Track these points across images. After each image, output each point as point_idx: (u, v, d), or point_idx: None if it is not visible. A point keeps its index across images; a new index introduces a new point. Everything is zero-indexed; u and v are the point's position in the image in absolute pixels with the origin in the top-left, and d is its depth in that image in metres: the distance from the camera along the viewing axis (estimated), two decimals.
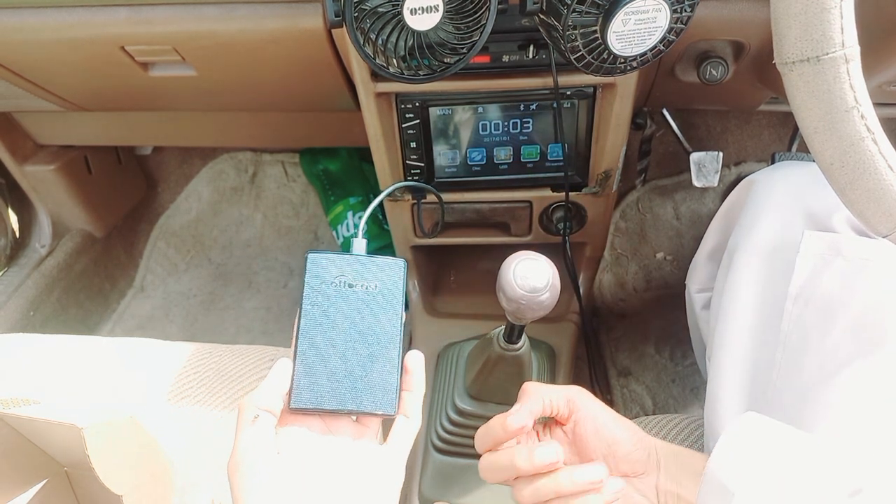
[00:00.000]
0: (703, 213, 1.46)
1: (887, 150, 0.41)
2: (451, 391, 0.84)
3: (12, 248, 1.38)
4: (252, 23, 0.71)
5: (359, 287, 0.47)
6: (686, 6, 0.53)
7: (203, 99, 0.98)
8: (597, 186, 0.85)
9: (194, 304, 1.49)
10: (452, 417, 0.82)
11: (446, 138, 0.82)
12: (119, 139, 1.37)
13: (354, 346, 0.47)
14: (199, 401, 0.72)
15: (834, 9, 0.39)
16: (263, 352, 0.77)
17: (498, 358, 0.71)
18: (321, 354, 0.46)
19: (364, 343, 0.47)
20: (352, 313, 0.47)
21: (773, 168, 0.73)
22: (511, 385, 0.77)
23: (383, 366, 0.46)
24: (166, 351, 0.77)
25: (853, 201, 0.43)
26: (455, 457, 0.87)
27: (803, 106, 0.42)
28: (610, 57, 0.56)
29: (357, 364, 0.46)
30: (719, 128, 1.48)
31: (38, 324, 1.32)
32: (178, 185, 1.63)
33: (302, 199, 1.60)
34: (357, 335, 0.47)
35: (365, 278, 0.48)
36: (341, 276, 0.47)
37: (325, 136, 1.31)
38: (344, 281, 0.47)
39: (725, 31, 0.71)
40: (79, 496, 0.64)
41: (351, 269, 0.48)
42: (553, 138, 0.81)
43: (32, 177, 1.32)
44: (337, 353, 0.46)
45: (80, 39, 0.76)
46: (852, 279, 0.56)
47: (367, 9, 0.52)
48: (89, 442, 0.53)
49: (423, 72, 0.58)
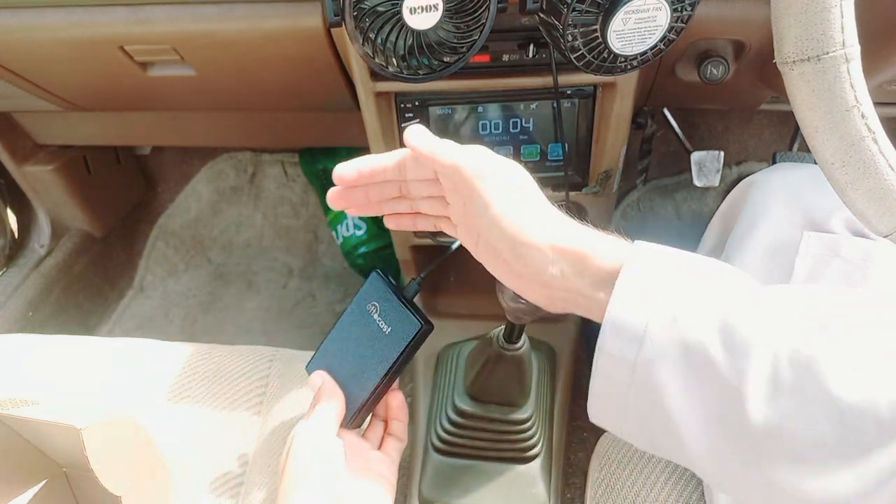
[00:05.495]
0: (704, 212, 1.46)
1: (888, 150, 0.41)
2: (451, 391, 0.84)
3: (11, 248, 1.38)
4: (251, 22, 0.71)
5: (378, 321, 0.54)
6: (686, 5, 0.53)
7: (202, 99, 0.98)
8: (597, 186, 0.85)
9: (194, 304, 1.49)
10: (452, 418, 0.82)
11: (446, 138, 0.81)
12: (118, 139, 1.37)
13: (354, 360, 0.55)
14: (199, 401, 0.72)
15: (834, 8, 0.39)
16: (263, 352, 0.77)
17: (498, 358, 0.71)
18: (335, 352, 0.56)
19: (359, 364, 0.54)
20: (363, 337, 0.54)
21: (771, 169, 0.73)
22: (511, 385, 0.77)
23: (360, 389, 0.54)
24: (165, 351, 0.77)
25: (854, 201, 0.43)
26: (454, 457, 0.87)
27: (804, 105, 0.42)
28: (610, 56, 0.56)
29: (350, 374, 0.54)
30: (720, 127, 1.48)
31: (37, 324, 1.32)
32: (178, 185, 1.63)
33: (302, 199, 1.60)
34: (359, 355, 0.54)
35: (386, 318, 0.53)
36: (374, 304, 0.54)
37: (324, 136, 1.30)
38: (374, 308, 0.54)
39: (726, 30, 0.71)
40: (78, 497, 0.64)
41: (383, 304, 0.54)
42: (553, 138, 0.81)
43: (31, 177, 1.32)
44: (344, 357, 0.55)
45: (79, 39, 0.76)
46: (851, 280, 0.56)
47: (367, 8, 0.52)
48: (88, 442, 0.53)
49: (423, 71, 0.58)
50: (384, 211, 0.49)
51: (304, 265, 1.55)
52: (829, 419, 0.33)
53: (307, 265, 1.55)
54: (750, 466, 0.35)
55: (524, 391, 0.79)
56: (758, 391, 0.34)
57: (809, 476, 0.34)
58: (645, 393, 0.37)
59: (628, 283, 0.37)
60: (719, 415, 0.35)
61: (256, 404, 0.72)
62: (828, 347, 0.33)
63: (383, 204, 0.49)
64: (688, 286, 0.37)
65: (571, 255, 0.39)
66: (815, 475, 0.33)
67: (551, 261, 0.39)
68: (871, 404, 0.32)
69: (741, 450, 0.35)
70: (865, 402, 0.32)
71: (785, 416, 0.34)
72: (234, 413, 0.71)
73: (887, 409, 0.31)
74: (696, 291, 0.36)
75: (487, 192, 0.42)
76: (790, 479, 0.34)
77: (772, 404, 0.34)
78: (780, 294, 0.37)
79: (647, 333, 0.36)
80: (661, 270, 0.37)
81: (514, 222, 0.40)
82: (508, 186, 0.42)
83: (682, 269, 0.38)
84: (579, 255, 0.39)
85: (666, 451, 0.39)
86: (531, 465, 0.87)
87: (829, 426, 0.33)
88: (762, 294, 0.37)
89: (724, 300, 0.36)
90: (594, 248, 0.39)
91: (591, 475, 0.68)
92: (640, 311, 0.36)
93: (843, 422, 0.32)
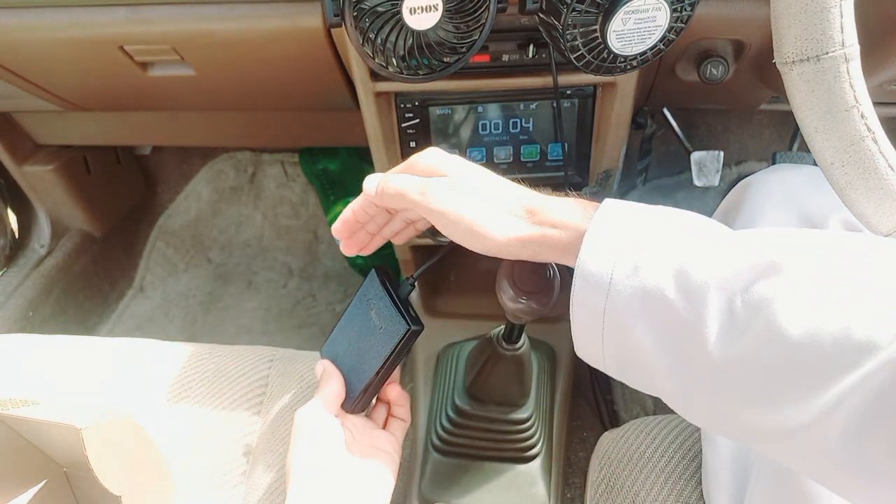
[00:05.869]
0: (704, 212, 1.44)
1: (887, 150, 0.41)
2: (451, 391, 0.84)
3: (11, 248, 1.38)
4: (251, 22, 0.71)
5: (374, 318, 0.56)
6: (686, 5, 0.53)
7: (202, 98, 0.98)
8: (597, 186, 0.85)
9: (194, 304, 1.49)
10: (452, 417, 0.82)
11: (446, 138, 0.82)
12: (118, 139, 1.37)
13: (355, 351, 0.57)
14: (199, 401, 0.72)
15: (834, 8, 0.39)
16: (263, 352, 0.77)
17: (498, 358, 0.71)
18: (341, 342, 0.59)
19: (359, 356, 0.57)
20: (362, 331, 0.57)
21: (768, 171, 0.73)
22: (511, 385, 0.77)
23: (358, 378, 0.57)
24: (166, 351, 0.77)
25: (853, 201, 0.43)
26: (454, 457, 0.87)
27: (803, 105, 0.42)
28: (610, 56, 0.56)
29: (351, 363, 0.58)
30: (720, 127, 1.48)
31: (38, 324, 1.32)
32: (178, 185, 1.63)
33: (301, 199, 1.60)
34: (358, 347, 0.57)
35: (381, 316, 0.56)
36: (371, 301, 0.56)
37: (324, 136, 1.30)
38: (372, 305, 0.56)
39: (726, 30, 0.71)
40: (78, 497, 0.64)
41: (378, 302, 0.56)
42: (553, 138, 0.81)
43: (31, 177, 1.32)
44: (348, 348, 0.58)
45: (79, 39, 0.76)
46: None
47: (367, 8, 0.52)
48: (88, 442, 0.53)
49: (423, 71, 0.58)
50: (387, 236, 0.55)
51: (304, 265, 1.55)
52: (780, 356, 0.34)
53: (307, 265, 1.55)
54: (712, 401, 0.38)
55: (524, 391, 0.79)
56: (713, 331, 0.36)
57: (764, 410, 0.36)
58: (616, 336, 0.40)
59: (595, 239, 0.40)
60: (681, 354, 0.38)
61: (256, 404, 0.72)
62: (779, 287, 0.35)
63: (384, 231, 0.54)
64: (650, 237, 0.40)
65: (537, 241, 0.43)
66: (769, 409, 0.36)
67: (520, 248, 0.43)
68: (816, 339, 0.33)
69: (703, 387, 0.38)
70: (811, 336, 0.33)
71: (739, 355, 0.36)
72: (234, 413, 0.71)
73: (830, 342, 0.33)
74: (656, 240, 0.39)
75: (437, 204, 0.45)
76: (747, 412, 0.37)
77: (727, 343, 0.36)
78: (736, 238, 0.39)
79: (612, 283, 0.39)
80: (626, 224, 0.40)
81: (473, 225, 0.44)
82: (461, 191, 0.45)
83: (646, 221, 0.41)
84: (543, 240, 0.43)
85: (642, 385, 0.43)
86: (531, 464, 0.87)
87: (779, 362, 0.34)
88: (720, 239, 0.39)
89: (681, 247, 0.39)
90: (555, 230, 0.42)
91: (591, 475, 0.68)
92: (605, 263, 0.39)
93: (791, 358, 0.34)
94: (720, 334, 0.36)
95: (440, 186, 0.45)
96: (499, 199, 0.45)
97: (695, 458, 0.64)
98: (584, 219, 0.42)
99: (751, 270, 0.36)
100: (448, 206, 0.44)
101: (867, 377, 0.31)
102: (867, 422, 0.32)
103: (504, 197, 0.45)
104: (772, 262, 0.36)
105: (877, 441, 0.32)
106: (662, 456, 0.65)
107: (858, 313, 0.33)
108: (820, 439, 0.33)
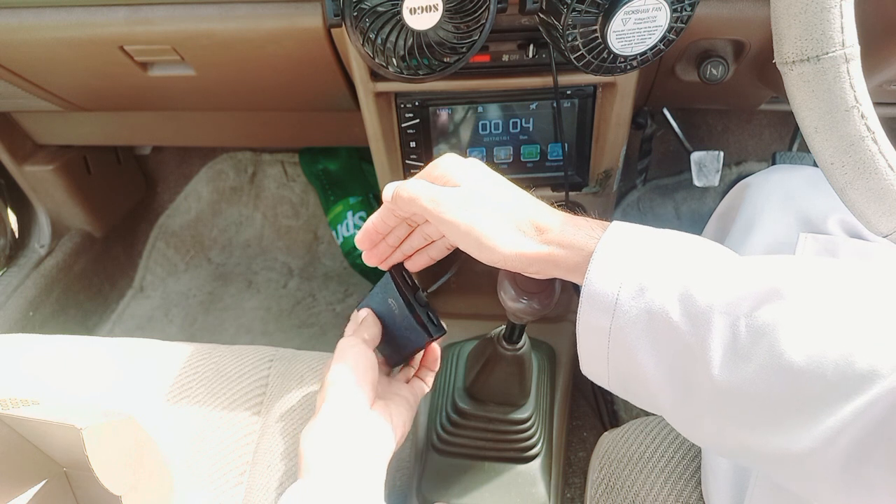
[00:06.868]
0: (703, 212, 1.46)
1: (887, 150, 0.41)
2: (451, 391, 0.84)
3: (11, 248, 1.38)
4: (251, 22, 0.71)
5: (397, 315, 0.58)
6: (686, 5, 0.53)
7: (202, 99, 0.98)
8: (597, 186, 0.85)
9: (194, 304, 1.49)
10: (452, 417, 0.82)
11: (446, 138, 0.82)
12: (118, 139, 1.37)
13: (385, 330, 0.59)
14: (199, 401, 0.72)
15: (834, 8, 0.39)
16: (263, 352, 0.77)
17: (498, 358, 0.71)
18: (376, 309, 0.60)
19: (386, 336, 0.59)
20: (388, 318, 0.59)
21: (767, 171, 0.73)
22: (511, 385, 0.77)
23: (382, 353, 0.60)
24: (166, 351, 0.77)
25: (853, 201, 0.43)
26: (455, 457, 0.87)
27: (803, 105, 0.42)
28: (610, 56, 0.56)
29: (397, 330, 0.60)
30: (720, 127, 1.48)
31: (38, 324, 1.32)
32: (178, 185, 1.63)
33: (301, 199, 1.60)
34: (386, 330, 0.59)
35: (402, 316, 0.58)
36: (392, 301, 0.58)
37: (324, 136, 1.30)
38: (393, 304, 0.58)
39: (726, 30, 0.71)
40: (78, 497, 0.64)
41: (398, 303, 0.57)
42: (553, 138, 0.81)
43: (31, 177, 1.32)
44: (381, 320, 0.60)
45: (79, 39, 0.76)
46: None
47: (367, 8, 0.52)
48: (88, 442, 0.53)
49: (423, 71, 0.58)
50: (406, 252, 0.56)
51: (304, 265, 1.55)
52: (782, 382, 0.35)
53: (307, 265, 1.55)
54: (714, 424, 0.39)
55: (524, 391, 0.79)
56: (717, 355, 0.37)
57: (766, 434, 0.36)
58: (620, 355, 0.41)
59: (602, 260, 0.41)
60: (684, 376, 0.39)
61: (256, 404, 0.72)
62: (782, 313, 0.35)
63: (403, 247, 0.55)
64: (656, 259, 0.40)
65: (544, 259, 0.44)
66: (771, 433, 0.36)
67: (527, 264, 0.44)
68: (818, 366, 0.34)
69: (705, 409, 0.38)
70: (813, 364, 0.34)
71: (742, 380, 0.36)
72: (234, 413, 0.71)
73: (832, 369, 0.33)
74: (662, 263, 0.40)
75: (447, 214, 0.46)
76: (748, 436, 0.37)
77: (730, 368, 0.36)
78: (741, 263, 0.40)
79: (618, 304, 0.40)
80: (633, 246, 0.41)
81: (482, 238, 0.45)
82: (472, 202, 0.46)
83: (653, 244, 0.41)
84: (550, 258, 0.43)
85: (646, 404, 0.43)
86: (531, 464, 0.87)
87: (782, 389, 0.35)
88: (725, 264, 0.40)
89: (687, 271, 0.39)
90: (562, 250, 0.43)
91: (591, 475, 0.68)
92: (612, 284, 0.40)
93: (794, 384, 0.34)
94: (724, 359, 0.36)
95: (452, 197, 0.46)
96: (509, 214, 0.45)
97: (695, 458, 0.64)
98: (591, 239, 0.42)
99: (755, 296, 0.37)
100: (458, 217, 0.45)
101: (869, 405, 0.32)
102: (868, 448, 0.32)
103: (514, 211, 0.45)
104: (775, 289, 0.36)
105: (877, 468, 0.32)
106: (662, 456, 0.65)
107: (860, 341, 0.33)
108: (821, 464, 0.34)
